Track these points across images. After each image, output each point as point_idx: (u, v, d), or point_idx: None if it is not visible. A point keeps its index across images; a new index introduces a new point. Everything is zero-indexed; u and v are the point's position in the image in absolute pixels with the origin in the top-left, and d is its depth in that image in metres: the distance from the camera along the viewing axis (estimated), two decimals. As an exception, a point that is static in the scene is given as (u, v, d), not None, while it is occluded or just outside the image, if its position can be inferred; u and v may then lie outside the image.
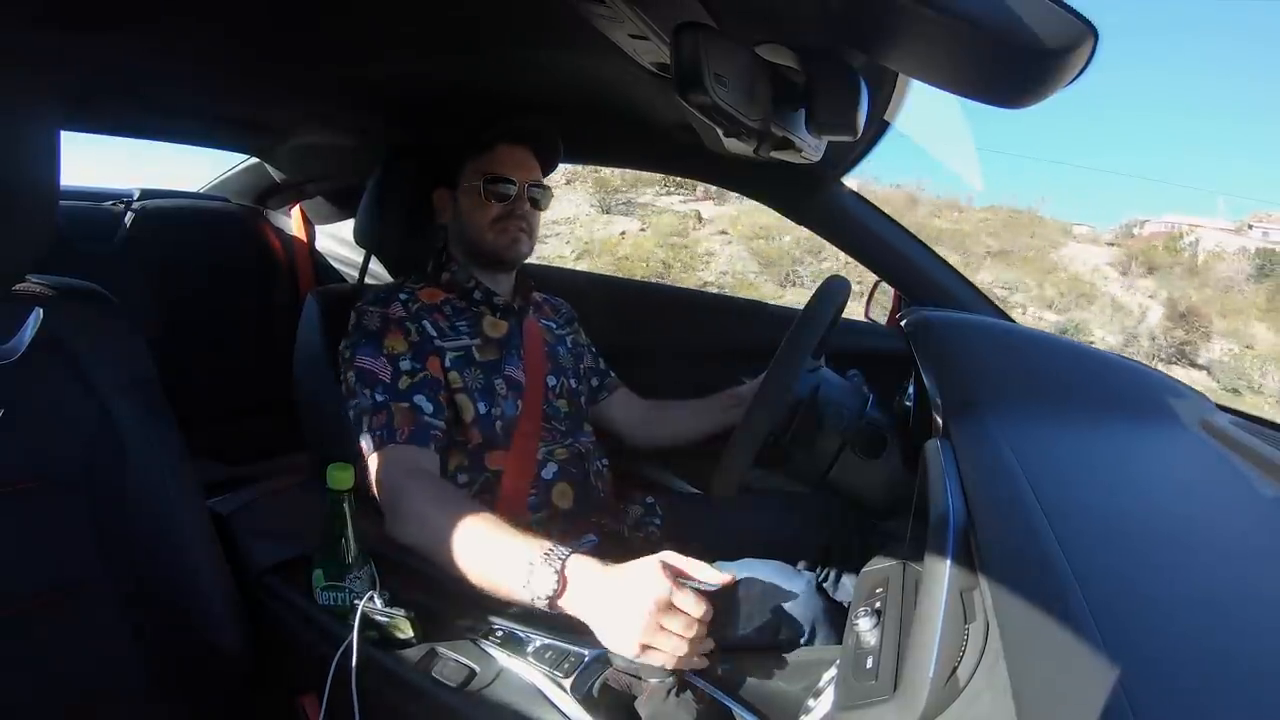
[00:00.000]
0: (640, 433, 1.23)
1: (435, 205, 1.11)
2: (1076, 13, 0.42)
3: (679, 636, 0.66)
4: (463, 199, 1.07)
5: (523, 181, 1.06)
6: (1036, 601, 0.46)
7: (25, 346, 0.67)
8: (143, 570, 0.74)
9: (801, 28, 0.62)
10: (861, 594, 0.73)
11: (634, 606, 0.66)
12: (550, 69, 1.03)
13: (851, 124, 0.64)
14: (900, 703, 0.51)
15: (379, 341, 0.96)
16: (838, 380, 1.03)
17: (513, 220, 1.06)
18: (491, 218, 1.05)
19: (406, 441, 0.91)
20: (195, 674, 0.78)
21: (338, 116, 1.35)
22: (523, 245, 1.08)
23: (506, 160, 1.06)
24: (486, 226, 1.06)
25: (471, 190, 1.06)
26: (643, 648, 0.66)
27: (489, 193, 1.05)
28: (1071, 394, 0.90)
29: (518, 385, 1.04)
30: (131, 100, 1.22)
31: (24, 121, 0.56)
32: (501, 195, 1.05)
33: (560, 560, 0.71)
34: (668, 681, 0.69)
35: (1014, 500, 0.59)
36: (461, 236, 1.09)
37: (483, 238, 1.06)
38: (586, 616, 0.70)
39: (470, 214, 1.06)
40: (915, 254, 1.32)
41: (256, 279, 1.74)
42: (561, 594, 0.70)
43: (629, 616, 0.66)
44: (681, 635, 0.66)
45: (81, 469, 0.70)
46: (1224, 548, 0.58)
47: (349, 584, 0.77)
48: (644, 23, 0.68)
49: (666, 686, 0.69)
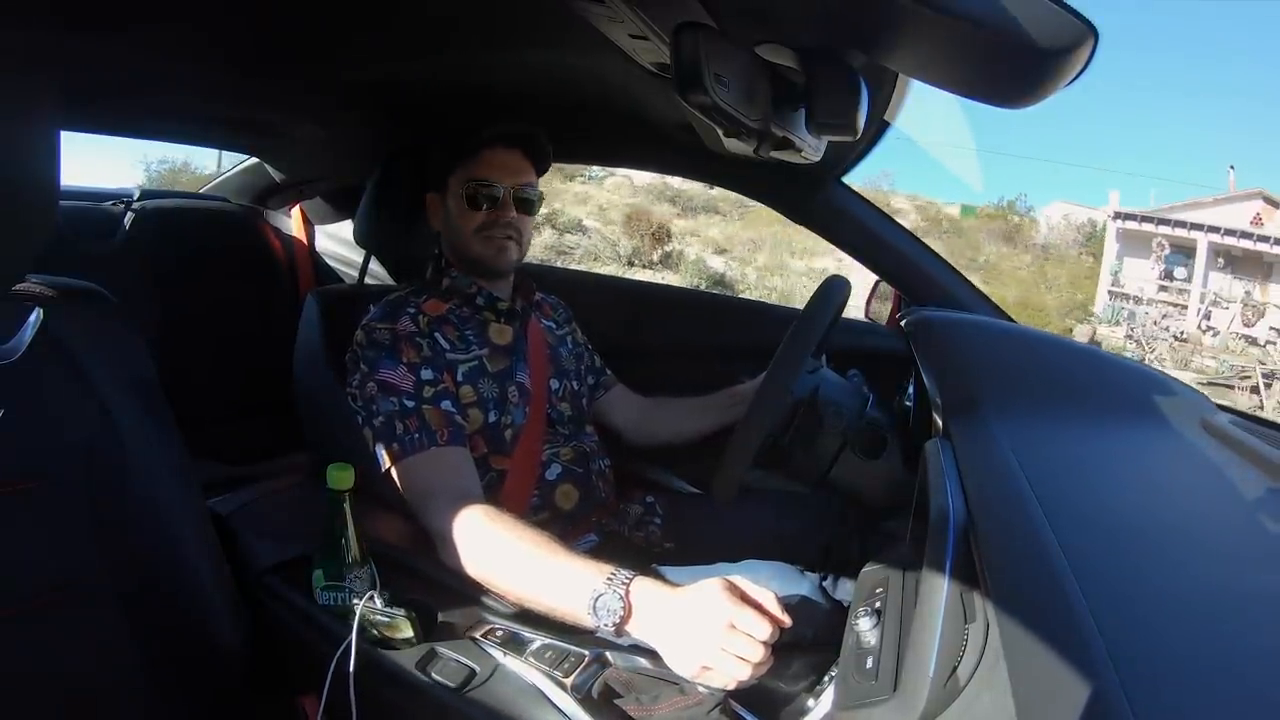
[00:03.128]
0: (639, 430, 1.23)
1: (427, 211, 1.10)
2: (1076, 13, 0.42)
3: (740, 659, 0.66)
4: (450, 205, 1.06)
5: (510, 185, 1.03)
6: (1036, 601, 0.46)
7: (25, 346, 0.67)
8: (143, 570, 0.74)
9: (802, 28, 0.62)
10: (861, 594, 0.73)
11: (699, 627, 0.67)
12: (550, 69, 1.03)
13: (851, 124, 0.63)
14: (900, 703, 0.51)
15: (396, 354, 0.95)
16: (838, 380, 1.03)
17: (498, 228, 1.03)
18: (476, 225, 1.03)
19: (448, 443, 0.90)
20: (195, 674, 0.78)
21: (338, 116, 1.35)
22: (510, 253, 1.05)
23: (493, 164, 1.03)
24: (471, 235, 1.03)
25: (457, 196, 1.04)
26: (703, 669, 0.67)
27: (473, 199, 1.02)
28: (1071, 394, 0.90)
29: (527, 392, 1.03)
30: (131, 100, 1.21)
31: (24, 121, 0.56)
32: (486, 201, 1.03)
33: (624, 585, 0.71)
34: (716, 695, 0.67)
35: (1014, 500, 0.59)
36: (451, 244, 1.07)
37: (469, 246, 1.04)
38: (652, 639, 0.70)
39: (456, 220, 1.05)
40: (915, 254, 1.32)
41: (256, 279, 1.73)
42: (628, 619, 0.71)
43: (694, 637, 0.67)
44: (744, 658, 0.66)
45: (81, 469, 0.70)
46: (1224, 547, 0.58)
47: (349, 584, 0.77)
48: (644, 22, 0.68)
49: (714, 700, 0.68)
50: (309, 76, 1.11)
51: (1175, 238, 14.49)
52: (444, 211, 1.07)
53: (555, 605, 0.75)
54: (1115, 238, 14.91)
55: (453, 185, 1.05)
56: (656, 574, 0.91)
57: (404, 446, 0.89)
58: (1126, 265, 14.72)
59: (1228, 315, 13.74)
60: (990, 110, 0.52)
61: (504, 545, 0.80)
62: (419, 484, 0.89)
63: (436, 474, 0.89)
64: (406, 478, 0.89)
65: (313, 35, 0.94)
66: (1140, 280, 14.42)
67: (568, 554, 0.77)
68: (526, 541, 0.79)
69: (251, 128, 1.47)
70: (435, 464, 0.89)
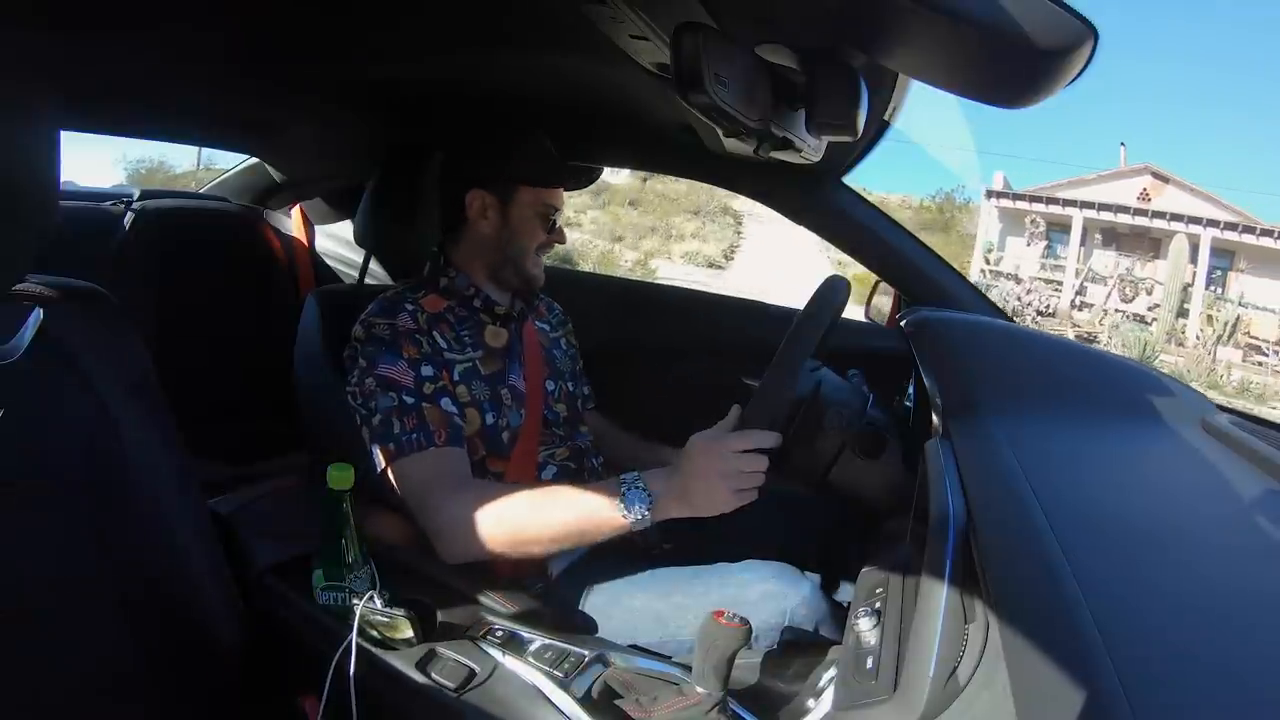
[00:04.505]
0: None
1: (468, 204, 1.04)
2: (1076, 13, 0.42)
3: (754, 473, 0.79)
4: (513, 216, 1.05)
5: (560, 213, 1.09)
6: (1036, 601, 0.46)
7: (25, 346, 0.67)
8: (143, 570, 0.74)
9: (801, 28, 0.62)
10: (861, 594, 0.73)
11: (712, 471, 0.78)
12: (551, 69, 1.03)
13: (851, 124, 0.64)
14: (900, 703, 0.51)
15: (397, 350, 0.94)
16: (838, 380, 1.03)
17: (548, 249, 1.09)
18: (538, 244, 1.06)
19: (446, 444, 0.91)
20: (195, 674, 0.77)
21: (338, 116, 1.35)
22: (543, 271, 1.10)
23: (560, 193, 1.08)
24: (532, 252, 1.06)
25: (526, 212, 1.05)
26: (736, 495, 0.78)
27: (546, 219, 1.06)
28: (1072, 394, 0.90)
29: (521, 395, 1.03)
30: (132, 100, 1.21)
31: (24, 121, 0.56)
32: (553, 226, 1.07)
33: (638, 479, 0.82)
34: (715, 695, 0.67)
35: (1014, 500, 0.59)
36: (499, 251, 1.05)
37: (524, 261, 1.06)
38: (683, 504, 0.80)
39: (518, 235, 1.05)
40: (915, 254, 1.32)
41: (256, 279, 1.73)
42: (658, 505, 0.80)
43: (713, 480, 0.78)
44: (757, 469, 0.79)
45: (81, 469, 0.70)
46: (1224, 548, 0.58)
47: (349, 584, 0.77)
48: (645, 23, 0.68)
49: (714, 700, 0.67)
50: (309, 76, 1.11)
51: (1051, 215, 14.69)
52: (500, 218, 1.05)
53: (588, 526, 0.82)
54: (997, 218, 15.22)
55: (523, 200, 1.04)
56: None
57: (401, 446, 0.89)
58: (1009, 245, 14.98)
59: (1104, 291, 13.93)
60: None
61: (517, 501, 0.85)
62: (416, 485, 0.89)
63: (434, 475, 0.89)
64: (403, 478, 0.89)
65: (313, 35, 0.94)
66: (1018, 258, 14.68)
67: (576, 488, 0.85)
68: (534, 491, 0.87)
69: (251, 128, 1.47)
70: (433, 465, 0.89)
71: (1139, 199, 14.28)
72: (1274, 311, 13.01)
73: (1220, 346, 12.47)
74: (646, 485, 0.81)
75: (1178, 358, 11.08)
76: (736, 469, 0.78)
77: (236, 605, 0.81)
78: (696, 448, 0.80)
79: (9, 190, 0.55)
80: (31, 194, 0.58)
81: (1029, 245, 14.79)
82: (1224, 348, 12.52)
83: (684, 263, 14.07)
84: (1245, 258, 13.73)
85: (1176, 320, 13.06)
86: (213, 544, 0.81)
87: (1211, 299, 13.44)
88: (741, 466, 0.78)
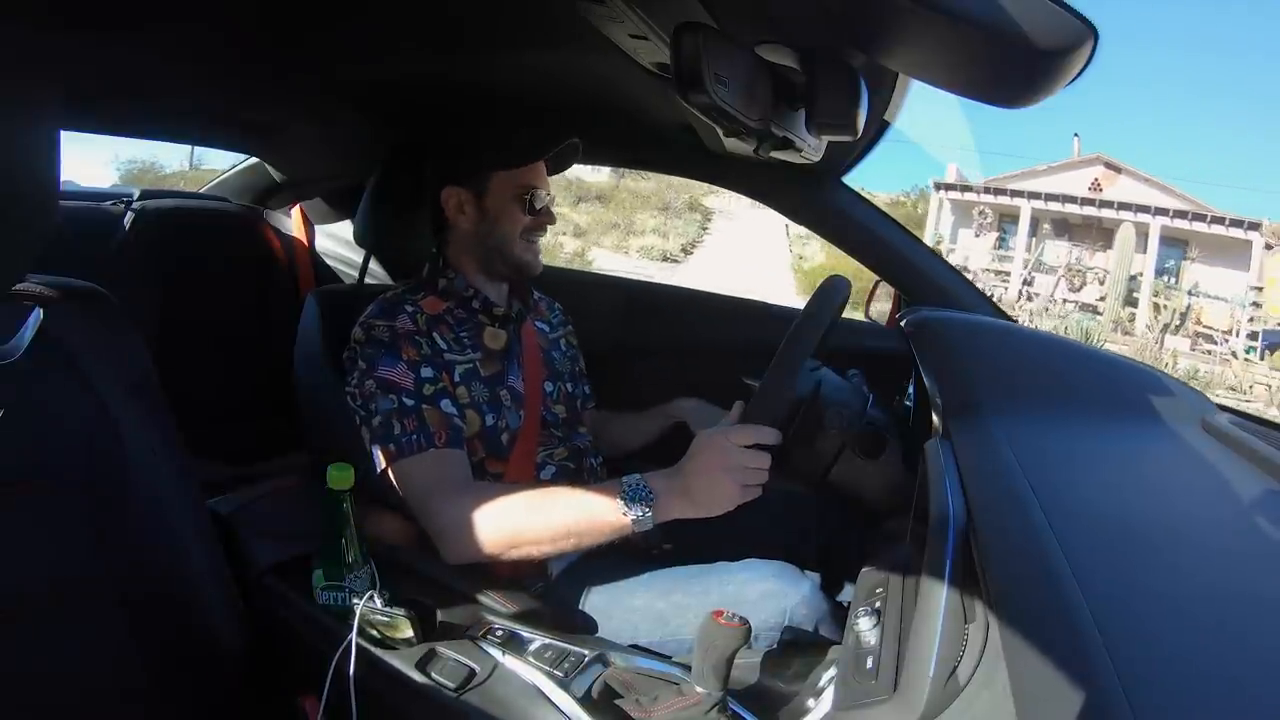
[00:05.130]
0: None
1: (444, 204, 1.04)
2: (1076, 13, 0.42)
3: (757, 469, 0.78)
4: (490, 206, 1.03)
5: (549, 193, 1.06)
6: (1036, 601, 0.46)
7: (25, 346, 0.67)
8: (143, 570, 0.74)
9: (801, 28, 0.62)
10: (861, 594, 0.73)
11: (715, 468, 0.77)
12: (550, 68, 1.03)
13: (851, 124, 0.64)
14: (900, 703, 0.51)
15: (397, 351, 0.94)
16: (838, 380, 1.03)
17: (538, 232, 1.06)
18: (523, 228, 1.04)
19: (446, 445, 0.91)
20: (195, 674, 0.78)
21: (338, 116, 1.35)
22: (540, 258, 1.08)
23: (538, 172, 1.05)
24: (517, 238, 1.04)
25: (502, 199, 1.03)
26: (741, 491, 0.77)
27: (526, 203, 1.03)
28: (1072, 394, 0.90)
29: (520, 397, 1.03)
30: (131, 100, 1.21)
31: (24, 121, 0.56)
32: (538, 207, 1.04)
33: (639, 479, 0.81)
34: (715, 695, 0.67)
35: (1014, 500, 0.59)
36: (481, 244, 1.04)
37: (511, 249, 1.04)
38: (686, 502, 0.79)
39: (498, 223, 1.03)
40: (915, 254, 1.32)
41: (256, 279, 1.73)
42: (660, 500, 0.80)
43: (716, 477, 0.77)
44: (760, 466, 0.78)
45: (81, 469, 0.70)
46: (1224, 548, 0.58)
47: (349, 584, 0.77)
48: (644, 22, 0.68)
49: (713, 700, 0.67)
50: (309, 76, 1.11)
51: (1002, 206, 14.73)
52: (477, 211, 1.04)
53: (589, 526, 0.82)
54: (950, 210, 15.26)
55: (497, 187, 1.02)
56: None
57: (401, 447, 0.89)
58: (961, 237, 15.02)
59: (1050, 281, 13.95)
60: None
61: (519, 502, 0.85)
62: (417, 486, 0.89)
63: (435, 477, 0.89)
64: (404, 479, 0.89)
65: (314, 35, 0.94)
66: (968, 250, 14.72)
67: (575, 489, 0.85)
68: (536, 492, 0.86)
69: (252, 128, 1.47)
70: (433, 466, 0.89)
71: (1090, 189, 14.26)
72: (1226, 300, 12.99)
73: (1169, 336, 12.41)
74: (648, 485, 0.80)
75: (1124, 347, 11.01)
76: (741, 463, 0.78)
77: (236, 605, 0.81)
78: (701, 443, 0.80)
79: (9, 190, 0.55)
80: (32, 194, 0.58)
81: (978, 237, 14.86)
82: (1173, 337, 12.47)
83: (639, 256, 14.27)
84: (1198, 246, 13.71)
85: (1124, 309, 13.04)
86: (213, 544, 0.81)
87: (1161, 287, 13.41)
88: (746, 461, 0.78)
